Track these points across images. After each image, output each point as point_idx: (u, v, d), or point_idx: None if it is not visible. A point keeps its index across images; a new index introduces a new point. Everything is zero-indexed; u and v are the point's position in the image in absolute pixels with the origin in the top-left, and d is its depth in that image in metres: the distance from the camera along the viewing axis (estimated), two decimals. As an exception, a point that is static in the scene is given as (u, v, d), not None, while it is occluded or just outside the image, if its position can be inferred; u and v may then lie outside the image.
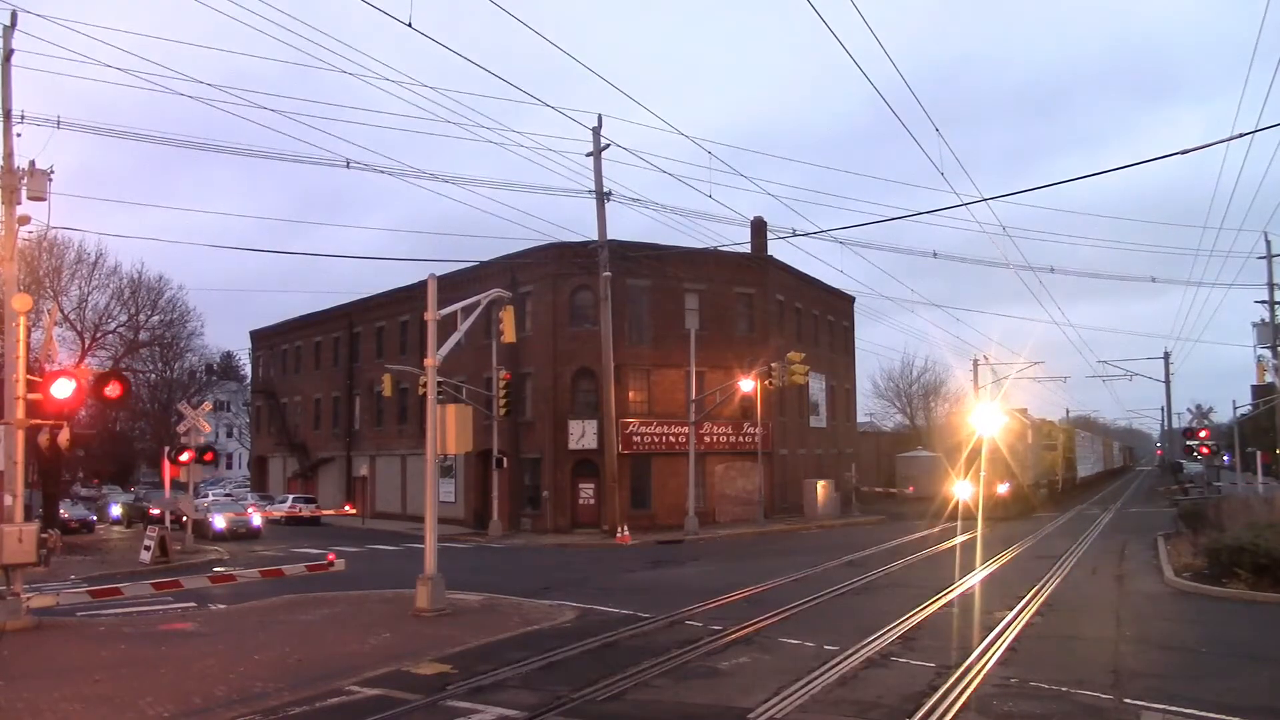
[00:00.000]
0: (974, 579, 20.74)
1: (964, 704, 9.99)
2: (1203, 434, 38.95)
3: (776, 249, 63.37)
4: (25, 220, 17.84)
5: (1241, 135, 15.81)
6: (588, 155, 35.55)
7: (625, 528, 34.68)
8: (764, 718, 9.58)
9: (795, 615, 16.05)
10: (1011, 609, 16.22)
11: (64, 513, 37.98)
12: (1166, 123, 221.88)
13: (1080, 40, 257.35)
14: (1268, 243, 32.86)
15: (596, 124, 35.43)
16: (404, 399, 47.15)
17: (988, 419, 39.61)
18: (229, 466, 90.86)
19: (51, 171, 17.59)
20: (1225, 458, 50.13)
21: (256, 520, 39.60)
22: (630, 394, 40.38)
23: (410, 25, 17.22)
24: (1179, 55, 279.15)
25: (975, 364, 54.18)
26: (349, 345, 54.78)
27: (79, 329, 37.70)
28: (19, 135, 18.42)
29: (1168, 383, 63.65)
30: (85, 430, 38.99)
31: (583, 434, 39.73)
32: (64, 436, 17.11)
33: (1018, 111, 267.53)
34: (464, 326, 18.71)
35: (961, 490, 37.52)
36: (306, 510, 45.77)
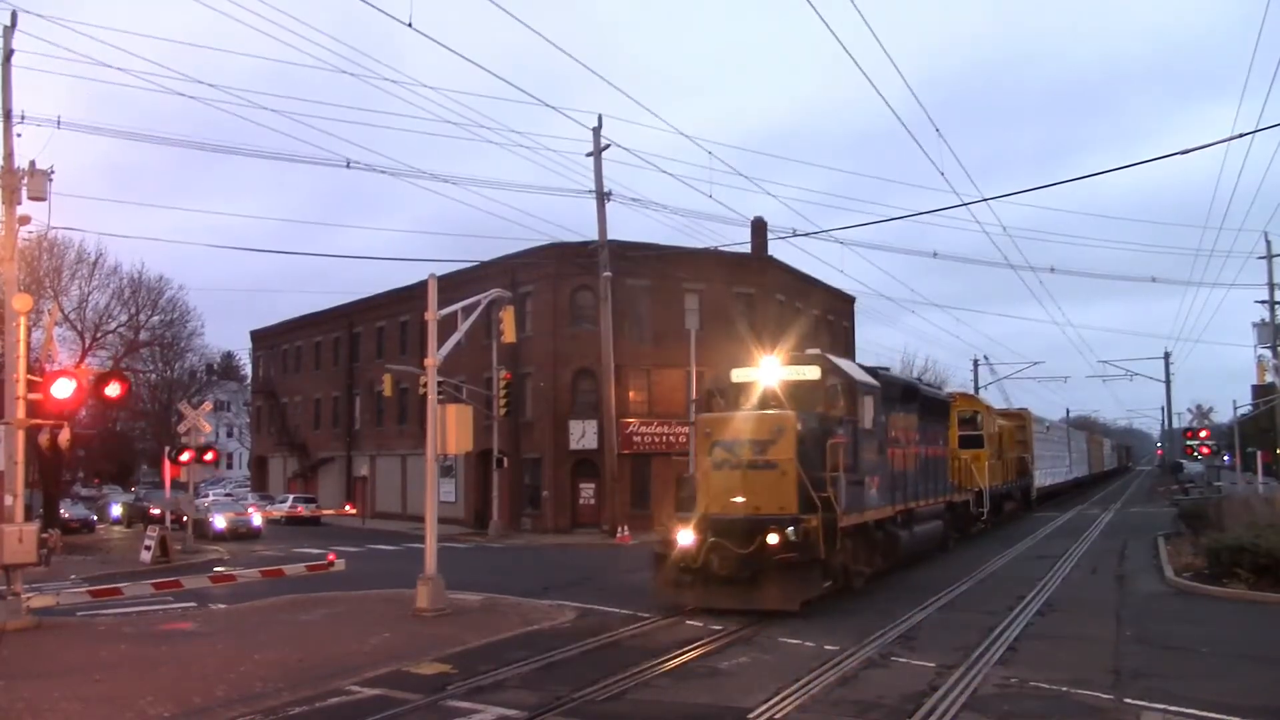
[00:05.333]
0: (973, 579, 20.74)
1: (964, 704, 9.99)
2: (1203, 434, 39.04)
3: (782, 251, 63.51)
4: (25, 220, 17.86)
5: (1241, 135, 15.86)
6: (588, 155, 35.59)
7: (625, 528, 34.67)
8: (764, 718, 9.57)
9: (795, 614, 16.02)
10: (1012, 609, 16.22)
11: (64, 513, 38.01)
12: (1203, 122, 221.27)
13: (1123, 37, 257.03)
14: (1268, 243, 32.94)
15: (597, 124, 35.50)
16: (404, 399, 47.16)
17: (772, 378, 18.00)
18: (229, 466, 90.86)
19: (52, 171, 17.61)
20: (1225, 458, 50.14)
21: (257, 520, 39.64)
22: (630, 394, 40.37)
23: (410, 25, 17.25)
24: (1220, 53, 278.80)
25: (975, 363, 53.79)
26: (349, 345, 54.81)
27: (79, 329, 37.71)
28: (19, 135, 18.47)
29: (1168, 383, 63.80)
30: (85, 430, 39.06)
31: (583, 434, 39.73)
32: (64, 436, 17.13)
33: (1056, 108, 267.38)
34: (464, 327, 18.71)
35: (683, 538, 16.07)
36: (307, 510, 45.78)
